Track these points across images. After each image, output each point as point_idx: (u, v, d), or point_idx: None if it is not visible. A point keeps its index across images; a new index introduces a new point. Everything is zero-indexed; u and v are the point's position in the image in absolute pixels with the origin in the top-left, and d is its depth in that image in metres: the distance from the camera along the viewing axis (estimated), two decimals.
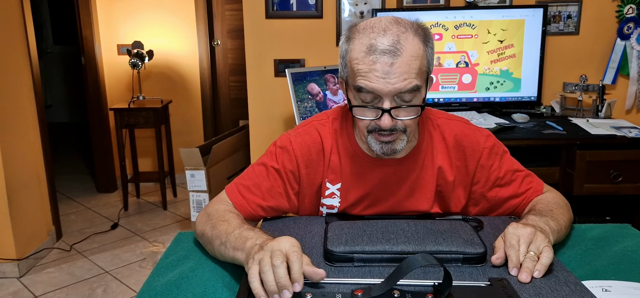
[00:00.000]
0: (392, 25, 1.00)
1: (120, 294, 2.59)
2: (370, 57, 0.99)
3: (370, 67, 0.99)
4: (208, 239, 1.03)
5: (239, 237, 0.94)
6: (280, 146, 1.18)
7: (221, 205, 1.13)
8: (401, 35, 0.99)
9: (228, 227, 1.00)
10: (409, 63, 0.98)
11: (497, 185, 1.18)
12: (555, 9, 2.62)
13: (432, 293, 0.82)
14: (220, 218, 1.05)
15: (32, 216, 2.94)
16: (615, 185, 2.17)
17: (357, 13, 2.70)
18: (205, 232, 1.05)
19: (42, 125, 3.05)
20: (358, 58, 1.01)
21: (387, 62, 0.97)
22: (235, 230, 0.98)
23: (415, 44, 1.00)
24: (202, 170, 2.96)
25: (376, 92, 1.00)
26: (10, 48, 2.75)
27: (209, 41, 4.14)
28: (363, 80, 1.00)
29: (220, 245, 0.98)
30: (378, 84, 0.99)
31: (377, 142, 1.07)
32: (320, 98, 2.42)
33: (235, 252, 0.93)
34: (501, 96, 2.58)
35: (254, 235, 0.93)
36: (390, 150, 1.08)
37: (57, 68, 6.59)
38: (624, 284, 0.91)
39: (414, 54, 0.99)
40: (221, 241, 0.98)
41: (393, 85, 0.98)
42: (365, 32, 1.01)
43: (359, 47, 1.01)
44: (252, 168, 1.19)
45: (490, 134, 1.20)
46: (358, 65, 1.01)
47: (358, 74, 1.01)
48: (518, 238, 0.92)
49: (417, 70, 1.00)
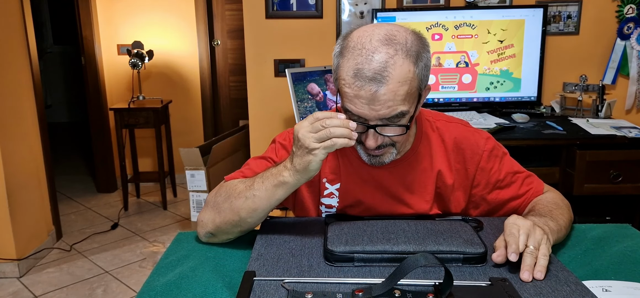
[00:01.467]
0: (382, 46, 0.96)
1: (120, 294, 2.59)
2: (356, 83, 0.96)
3: (356, 92, 0.97)
4: (229, 213, 1.04)
5: (262, 177, 1.03)
6: (281, 142, 1.19)
7: (222, 188, 1.12)
8: (389, 60, 0.95)
9: (243, 185, 1.05)
10: (394, 90, 0.95)
11: (497, 188, 1.18)
12: (555, 9, 2.62)
13: (433, 293, 0.82)
14: (229, 193, 1.06)
15: (32, 216, 2.94)
16: (615, 185, 2.17)
17: (357, 13, 2.70)
18: (223, 210, 1.05)
19: (42, 125, 3.05)
20: (345, 80, 0.98)
21: (372, 89, 0.95)
22: (253, 182, 1.04)
23: (404, 69, 0.96)
24: (202, 170, 2.96)
25: (361, 116, 0.99)
26: (10, 48, 2.75)
27: (209, 41, 4.14)
28: (349, 104, 0.99)
29: (245, 200, 1.02)
30: (363, 110, 0.98)
31: (365, 154, 1.09)
32: (320, 98, 2.42)
33: (269, 186, 1.01)
34: (501, 96, 2.58)
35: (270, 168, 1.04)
36: (378, 162, 1.09)
37: (57, 68, 6.59)
38: (624, 284, 0.91)
39: (402, 79, 0.96)
40: (246, 197, 1.02)
41: (377, 111, 0.97)
42: (354, 52, 0.98)
43: (347, 69, 0.98)
44: (252, 160, 1.20)
45: (489, 136, 1.19)
46: (344, 88, 0.99)
47: (345, 97, 1.00)
48: (518, 228, 0.92)
49: (403, 96, 0.97)
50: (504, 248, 0.92)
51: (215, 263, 1.01)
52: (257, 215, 1.03)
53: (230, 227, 1.05)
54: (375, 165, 1.10)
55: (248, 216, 1.02)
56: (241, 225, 1.04)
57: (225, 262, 1.02)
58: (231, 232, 1.07)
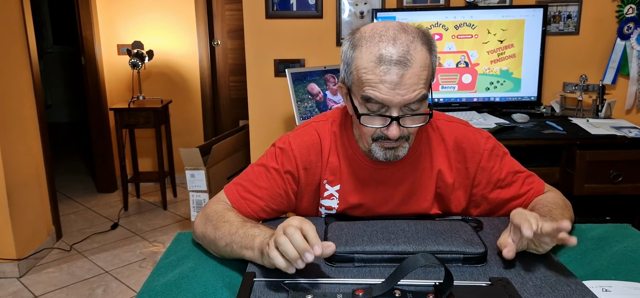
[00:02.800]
0: (400, 33, 0.98)
1: (120, 294, 2.59)
2: (380, 67, 0.96)
3: (381, 77, 0.97)
4: (211, 240, 1.03)
5: (245, 236, 0.96)
6: (280, 147, 1.17)
7: (219, 205, 1.13)
8: (410, 45, 0.97)
9: (231, 227, 1.01)
10: (418, 74, 0.97)
11: (498, 187, 1.18)
12: (555, 9, 2.62)
13: (433, 293, 0.82)
14: (221, 219, 1.05)
15: (32, 216, 2.94)
16: (615, 185, 2.17)
17: (357, 13, 2.70)
18: (207, 234, 1.05)
19: (42, 125, 3.05)
20: (367, 68, 0.98)
21: (398, 73, 0.96)
22: (240, 229, 0.99)
23: (423, 54, 0.99)
24: (202, 170, 2.96)
25: (386, 103, 0.99)
26: (10, 48, 2.75)
27: (209, 41, 4.14)
28: (372, 91, 0.98)
29: (225, 246, 0.99)
30: (388, 95, 0.97)
31: (381, 149, 1.07)
32: (320, 98, 2.42)
33: (243, 251, 0.95)
34: (501, 96, 2.58)
35: (260, 231, 0.96)
36: (393, 156, 1.08)
37: (57, 68, 6.59)
38: (624, 284, 0.91)
39: (423, 64, 0.98)
40: (226, 242, 0.99)
41: (402, 96, 0.97)
42: (373, 40, 0.99)
43: (368, 56, 0.98)
44: (251, 169, 1.19)
45: (490, 136, 1.19)
46: (366, 75, 0.98)
47: (366, 84, 0.99)
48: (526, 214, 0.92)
49: (425, 80, 0.99)
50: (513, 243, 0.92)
51: (215, 263, 1.02)
52: (233, 257, 1.00)
53: (212, 250, 1.06)
54: (390, 160, 1.09)
55: (226, 255, 1.02)
56: (222, 255, 1.03)
57: (225, 262, 1.02)
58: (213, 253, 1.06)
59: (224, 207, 1.12)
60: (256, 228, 0.98)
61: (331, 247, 0.86)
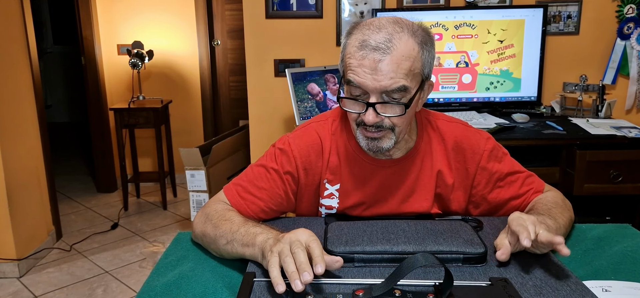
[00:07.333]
0: (389, 24, 1.02)
1: (120, 294, 2.59)
2: (360, 52, 1.00)
3: (360, 62, 1.00)
4: (211, 239, 1.03)
5: (247, 234, 0.96)
6: (280, 148, 1.18)
7: (219, 205, 1.13)
8: (395, 34, 1.00)
9: (232, 225, 1.01)
10: (397, 62, 0.99)
11: (497, 187, 1.18)
12: (555, 9, 2.62)
13: (433, 293, 0.82)
14: (221, 217, 1.05)
15: (32, 216, 2.94)
16: (615, 185, 2.17)
17: (357, 13, 2.70)
18: (207, 233, 1.04)
19: (42, 125, 3.05)
20: (350, 52, 1.03)
21: (376, 58, 0.99)
22: (241, 227, 0.99)
23: (409, 45, 1.00)
24: (202, 170, 2.96)
25: (363, 87, 1.01)
26: (10, 48, 2.75)
27: (209, 41, 4.14)
28: (352, 74, 1.02)
29: (226, 244, 0.99)
30: (365, 80, 1.00)
31: (364, 137, 1.09)
32: (320, 98, 2.42)
33: (244, 249, 0.95)
34: (501, 96, 2.58)
35: (262, 230, 0.95)
36: (376, 147, 1.08)
37: (57, 68, 6.59)
38: (624, 284, 0.91)
39: (406, 54, 0.99)
40: (227, 240, 0.99)
41: (379, 82, 0.99)
42: (363, 28, 1.03)
43: (353, 42, 1.03)
44: (250, 169, 1.19)
45: (490, 136, 1.20)
46: (350, 59, 1.03)
47: (348, 68, 1.03)
48: (524, 220, 0.92)
49: (406, 71, 1.00)
50: (508, 245, 0.92)
51: (215, 264, 1.01)
52: (233, 256, 1.00)
53: (212, 249, 1.05)
54: (373, 151, 1.10)
55: (226, 253, 1.01)
56: (221, 254, 1.03)
57: (225, 262, 1.02)
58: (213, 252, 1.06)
59: (224, 206, 1.12)
60: (258, 227, 0.98)
61: (339, 262, 0.86)
